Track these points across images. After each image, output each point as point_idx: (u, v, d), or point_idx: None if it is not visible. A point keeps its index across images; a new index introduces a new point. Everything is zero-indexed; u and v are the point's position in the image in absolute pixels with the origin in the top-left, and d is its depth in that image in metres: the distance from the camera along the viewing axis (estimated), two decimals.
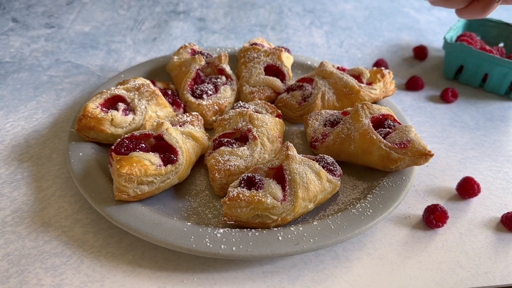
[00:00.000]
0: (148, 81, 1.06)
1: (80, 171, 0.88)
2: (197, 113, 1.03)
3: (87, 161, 0.91)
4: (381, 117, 0.98)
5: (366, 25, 1.73)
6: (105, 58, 1.43)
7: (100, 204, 0.81)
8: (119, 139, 0.88)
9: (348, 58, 1.50)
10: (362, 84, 1.12)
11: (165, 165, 0.84)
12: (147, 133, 0.89)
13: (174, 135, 0.88)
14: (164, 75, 1.24)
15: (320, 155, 0.91)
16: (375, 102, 1.14)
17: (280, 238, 0.77)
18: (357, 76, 1.14)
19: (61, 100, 1.21)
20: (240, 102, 1.08)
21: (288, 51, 1.26)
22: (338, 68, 1.16)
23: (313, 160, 0.89)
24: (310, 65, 1.33)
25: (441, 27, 1.73)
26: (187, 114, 1.01)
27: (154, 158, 0.83)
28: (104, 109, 0.98)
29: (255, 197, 0.77)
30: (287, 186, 0.80)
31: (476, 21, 1.47)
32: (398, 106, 1.16)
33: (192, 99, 1.09)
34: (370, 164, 0.94)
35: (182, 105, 1.10)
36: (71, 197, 0.91)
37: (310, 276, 0.78)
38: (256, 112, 1.02)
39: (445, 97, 1.29)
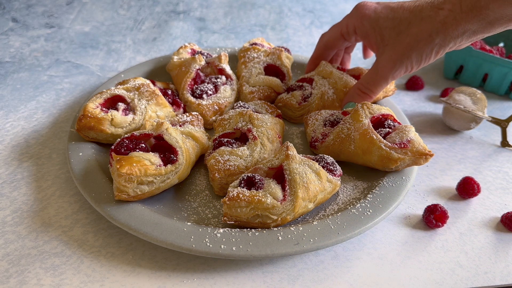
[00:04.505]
0: (148, 81, 1.06)
1: (80, 171, 0.88)
2: (197, 113, 1.03)
3: (87, 161, 0.91)
4: (381, 117, 0.98)
5: None
6: (105, 58, 1.43)
7: (100, 204, 0.81)
8: (119, 139, 0.88)
9: None
10: None
11: (165, 165, 0.84)
12: (147, 133, 0.88)
13: (174, 135, 0.88)
14: (164, 75, 1.24)
15: (320, 155, 0.91)
16: (375, 102, 1.14)
17: (280, 238, 0.77)
18: (357, 76, 1.14)
19: (61, 100, 1.21)
20: (240, 102, 1.08)
21: (288, 51, 1.26)
22: (338, 68, 1.16)
23: (313, 160, 0.89)
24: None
25: None
26: (187, 114, 1.01)
27: (154, 158, 0.83)
28: (104, 109, 0.98)
29: (255, 197, 0.77)
30: (287, 186, 0.80)
31: None
32: (398, 106, 1.16)
33: (192, 99, 1.09)
34: (370, 164, 0.94)
35: (182, 105, 1.10)
36: (71, 197, 0.91)
37: (310, 276, 0.78)
38: (256, 112, 1.02)
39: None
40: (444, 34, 0.86)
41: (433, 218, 0.88)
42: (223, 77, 1.15)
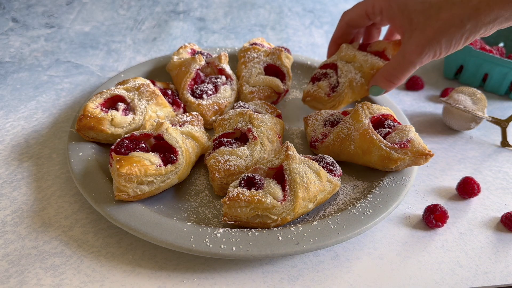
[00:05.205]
0: (148, 81, 1.06)
1: (80, 171, 0.88)
2: (197, 113, 1.03)
3: (87, 161, 0.91)
4: (381, 117, 0.98)
5: None
6: (105, 58, 1.43)
7: (100, 204, 0.81)
8: (119, 139, 0.88)
9: None
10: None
11: (165, 165, 0.84)
12: (147, 133, 0.89)
13: (174, 135, 0.88)
14: (164, 75, 1.25)
15: (320, 155, 0.91)
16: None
17: (280, 238, 0.77)
18: (381, 52, 1.08)
19: (61, 100, 1.21)
20: (240, 102, 1.08)
21: (288, 51, 1.26)
22: (360, 46, 1.11)
23: (313, 160, 0.89)
24: (310, 65, 1.33)
25: None
26: (187, 114, 1.01)
27: (154, 158, 0.83)
28: (104, 109, 0.98)
29: (255, 197, 0.77)
30: (287, 186, 0.80)
31: None
32: (398, 106, 1.16)
33: (192, 99, 1.09)
34: (370, 164, 0.94)
35: (182, 105, 1.10)
36: (71, 197, 0.91)
37: (310, 276, 0.78)
38: (256, 112, 1.02)
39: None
40: (476, 20, 0.82)
41: (433, 218, 0.88)
42: (223, 77, 1.15)
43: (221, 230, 0.78)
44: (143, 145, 0.87)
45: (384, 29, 1.12)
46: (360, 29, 1.11)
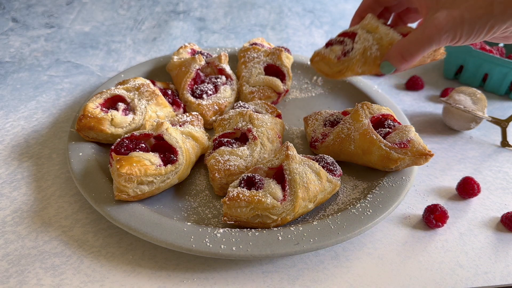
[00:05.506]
0: (148, 81, 1.06)
1: (80, 171, 0.88)
2: (197, 113, 1.03)
3: (87, 161, 0.91)
4: (381, 117, 0.98)
5: None
6: (105, 58, 1.43)
7: (100, 204, 0.81)
8: (119, 139, 0.88)
9: None
10: None
11: (165, 165, 0.84)
12: (147, 133, 0.89)
13: (174, 135, 0.88)
14: (164, 75, 1.25)
15: (320, 155, 0.91)
16: (421, 64, 1.03)
17: (280, 238, 0.77)
18: (405, 35, 0.99)
19: (61, 100, 1.21)
20: (240, 102, 1.08)
21: (288, 51, 1.26)
22: (385, 24, 1.03)
23: (313, 160, 0.89)
24: (310, 65, 1.33)
25: None
26: (187, 114, 1.01)
27: (154, 158, 0.83)
28: (104, 109, 0.98)
29: (255, 197, 0.77)
30: (287, 186, 0.80)
31: None
32: (398, 106, 1.16)
33: (192, 99, 1.09)
34: (370, 164, 0.94)
35: (182, 105, 1.10)
36: (71, 197, 0.91)
37: (310, 276, 0.78)
38: (256, 112, 1.02)
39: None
40: (505, 6, 0.79)
41: (433, 218, 0.88)
42: (223, 77, 1.15)
43: (221, 230, 0.78)
44: (143, 145, 0.87)
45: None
46: (385, 12, 1.06)
